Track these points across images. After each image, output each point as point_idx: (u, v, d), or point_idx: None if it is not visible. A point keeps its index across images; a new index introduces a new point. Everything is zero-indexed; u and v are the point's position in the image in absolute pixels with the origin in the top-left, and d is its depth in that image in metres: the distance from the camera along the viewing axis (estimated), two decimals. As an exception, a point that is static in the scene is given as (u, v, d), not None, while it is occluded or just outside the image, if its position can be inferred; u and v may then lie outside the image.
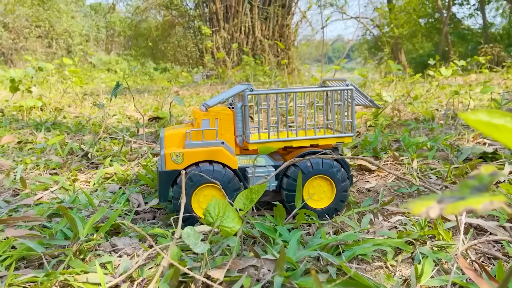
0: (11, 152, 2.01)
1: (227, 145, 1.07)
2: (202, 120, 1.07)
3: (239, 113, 1.08)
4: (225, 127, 1.08)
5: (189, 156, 1.04)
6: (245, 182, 1.09)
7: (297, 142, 1.12)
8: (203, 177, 1.02)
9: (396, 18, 13.42)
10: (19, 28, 15.73)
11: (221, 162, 1.05)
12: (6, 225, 1.10)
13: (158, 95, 4.91)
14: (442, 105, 3.08)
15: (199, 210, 1.05)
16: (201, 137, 1.06)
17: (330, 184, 1.11)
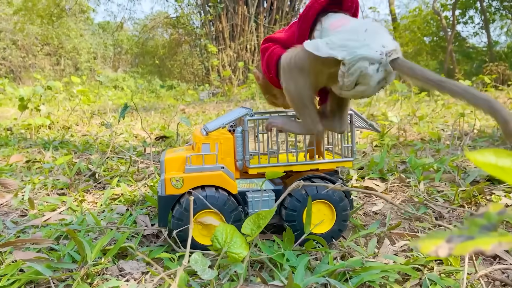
0: (19, 171, 2.03)
1: (227, 169, 1.08)
2: (202, 145, 1.07)
3: (239, 138, 1.08)
4: (225, 151, 1.08)
5: (189, 181, 1.05)
6: (244, 206, 1.09)
7: (297, 166, 1.12)
8: (198, 205, 1.02)
9: (400, 37, 13.51)
10: (28, 45, 16.01)
11: (218, 186, 1.05)
12: (14, 247, 1.11)
13: (164, 113, 4.95)
14: (448, 125, 3.08)
15: (199, 237, 1.05)
16: (201, 162, 1.07)
17: (329, 206, 1.10)
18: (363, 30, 0.86)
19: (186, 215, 1.02)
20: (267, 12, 10.77)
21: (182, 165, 1.07)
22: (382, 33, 0.87)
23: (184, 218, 1.02)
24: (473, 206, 1.36)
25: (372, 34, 0.86)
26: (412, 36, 14.53)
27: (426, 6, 15.97)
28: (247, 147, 1.08)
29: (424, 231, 1.21)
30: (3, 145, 2.65)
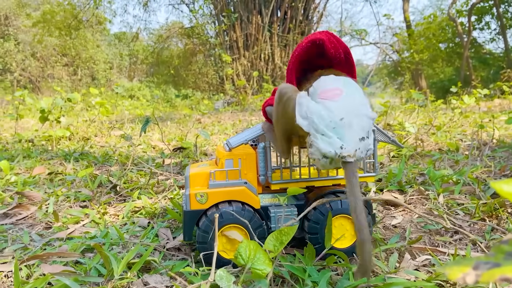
0: (42, 183, 2.08)
1: (250, 184, 1.10)
2: (225, 160, 1.09)
3: (261, 153, 1.10)
4: (247, 166, 1.10)
5: (213, 196, 1.07)
6: (267, 221, 1.11)
7: (319, 182, 1.13)
8: (224, 219, 1.04)
9: (415, 44, 13.44)
10: (47, 57, 16.36)
11: (243, 202, 1.07)
12: (41, 260, 1.14)
13: (180, 123, 5.01)
14: (466, 134, 3.06)
15: (223, 252, 1.07)
16: (225, 177, 1.09)
17: (352, 222, 1.11)
18: (338, 118, 0.87)
19: (212, 227, 1.04)
20: (280, 21, 10.83)
21: (206, 180, 1.09)
22: (355, 128, 0.87)
23: (209, 231, 1.04)
24: (494, 220, 1.36)
25: (343, 127, 0.87)
26: (428, 42, 14.42)
27: (442, 13, 15.86)
28: (269, 163, 1.10)
29: (445, 245, 1.21)
30: (26, 157, 2.71)
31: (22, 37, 16.25)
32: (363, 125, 0.89)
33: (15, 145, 3.21)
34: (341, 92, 0.90)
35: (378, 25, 14.13)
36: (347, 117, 0.87)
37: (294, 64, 0.99)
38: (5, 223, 1.52)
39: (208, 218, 1.06)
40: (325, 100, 0.90)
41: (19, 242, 1.32)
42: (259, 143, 1.12)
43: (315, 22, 11.52)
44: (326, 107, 0.89)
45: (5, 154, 2.80)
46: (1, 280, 1.07)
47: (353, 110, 0.88)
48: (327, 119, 0.87)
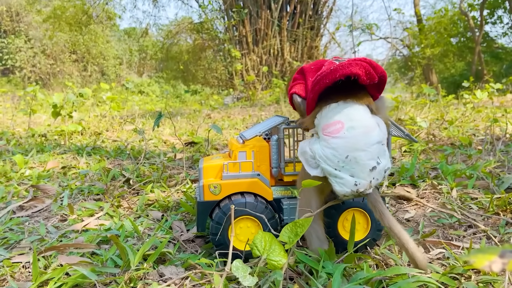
0: (56, 177, 2.10)
1: (263, 176, 1.11)
2: (239, 152, 1.10)
3: (274, 146, 1.11)
4: (260, 159, 1.11)
5: (227, 187, 1.08)
6: (280, 213, 1.11)
7: None
8: (237, 210, 1.05)
9: (426, 38, 13.29)
10: (57, 53, 16.47)
11: (256, 193, 1.08)
12: (58, 251, 1.16)
13: (190, 118, 5.02)
14: (478, 129, 3.03)
15: (236, 242, 1.08)
16: (238, 169, 1.10)
17: (364, 215, 1.11)
18: (344, 156, 0.89)
19: (225, 219, 1.05)
20: (290, 16, 10.77)
21: (220, 172, 1.10)
22: (363, 161, 0.89)
23: (223, 222, 1.05)
24: (508, 214, 1.35)
25: (351, 164, 0.90)
26: (439, 37, 14.26)
27: (453, 6, 15.66)
28: (282, 155, 1.11)
29: (459, 239, 1.20)
30: (39, 151, 2.75)
31: (33, 33, 16.37)
32: (372, 154, 0.90)
33: (28, 139, 3.25)
34: (342, 126, 0.91)
35: (389, 19, 13.98)
36: (351, 153, 0.89)
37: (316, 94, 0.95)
38: (21, 216, 1.55)
39: (221, 209, 1.07)
40: (328, 137, 0.91)
41: (35, 234, 1.35)
42: (272, 136, 1.13)
43: (324, 16, 11.44)
44: (330, 147, 0.91)
45: (19, 148, 2.84)
46: (19, 271, 1.09)
47: (356, 143, 0.89)
48: (334, 160, 0.90)
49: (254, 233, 1.07)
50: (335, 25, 11.00)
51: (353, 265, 0.99)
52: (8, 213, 1.54)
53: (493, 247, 0.35)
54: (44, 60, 16.13)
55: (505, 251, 0.37)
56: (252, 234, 1.07)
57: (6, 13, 16.46)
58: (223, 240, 1.06)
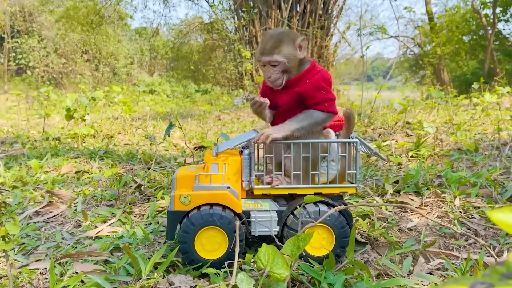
0: (70, 181, 2.17)
1: (232, 189, 1.14)
2: (211, 165, 1.15)
3: (246, 160, 1.15)
4: (232, 172, 1.15)
5: (196, 198, 1.12)
6: (248, 225, 1.15)
7: (301, 190, 1.17)
8: (204, 220, 1.09)
9: (438, 37, 13.18)
10: (69, 52, 16.67)
11: (225, 206, 1.12)
12: (73, 258, 1.22)
13: (200, 120, 5.08)
14: (486, 133, 3.03)
15: (203, 252, 1.11)
16: (209, 181, 1.14)
17: (329, 231, 1.13)
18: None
19: (192, 228, 1.09)
20: (300, 15, 10.77)
21: (192, 183, 1.14)
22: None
23: (190, 231, 1.10)
24: (509, 224, 1.37)
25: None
26: (450, 35, 14.12)
27: (465, 4, 15.48)
28: (253, 169, 1.15)
29: (459, 249, 1.23)
30: (54, 155, 2.82)
31: (45, 33, 16.60)
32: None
33: (43, 143, 3.34)
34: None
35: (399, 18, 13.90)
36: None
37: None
38: (37, 221, 1.61)
39: (189, 219, 1.11)
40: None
41: (51, 241, 1.41)
42: (244, 150, 1.17)
43: (335, 16, 11.42)
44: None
45: (34, 152, 2.92)
46: (37, 277, 1.15)
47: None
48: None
49: (220, 243, 1.11)
50: (346, 24, 10.97)
51: (354, 276, 1.03)
52: (25, 219, 1.61)
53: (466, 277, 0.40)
54: (57, 60, 16.32)
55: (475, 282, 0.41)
56: (218, 244, 1.11)
57: (20, 13, 16.69)
58: (189, 249, 1.10)
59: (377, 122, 3.50)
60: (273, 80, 1.17)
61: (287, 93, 1.19)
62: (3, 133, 3.99)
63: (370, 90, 12.11)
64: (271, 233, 1.13)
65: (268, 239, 1.17)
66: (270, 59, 1.16)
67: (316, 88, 1.16)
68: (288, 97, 1.18)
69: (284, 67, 1.16)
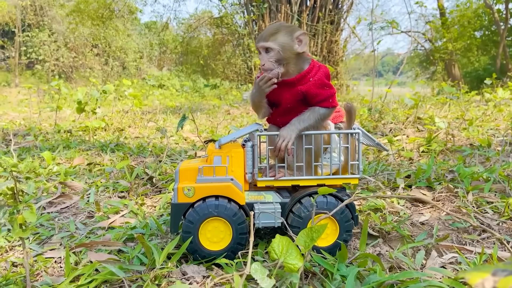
0: (82, 173, 2.19)
1: (236, 181, 1.14)
2: (214, 157, 1.15)
3: (249, 152, 1.15)
4: (235, 164, 1.15)
5: (200, 190, 1.12)
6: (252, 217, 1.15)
7: (303, 181, 1.18)
8: (208, 212, 1.10)
9: (449, 32, 13.05)
10: (79, 46, 16.76)
11: (229, 198, 1.12)
12: (87, 248, 1.24)
13: (210, 114, 5.10)
14: (499, 129, 3.00)
15: (207, 243, 1.12)
16: (212, 173, 1.14)
17: (334, 223, 1.14)
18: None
19: (197, 218, 1.10)
20: (310, 10, 10.73)
21: (195, 175, 1.14)
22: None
23: (194, 221, 1.10)
24: (523, 219, 1.36)
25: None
26: (462, 30, 13.96)
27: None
28: (256, 161, 1.15)
29: (472, 244, 1.23)
30: (65, 147, 2.85)
31: (56, 27, 16.69)
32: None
33: (55, 135, 3.37)
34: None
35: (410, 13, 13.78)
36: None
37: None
38: (51, 212, 1.63)
39: (194, 209, 1.11)
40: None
41: (65, 230, 1.43)
42: (247, 142, 1.17)
43: (345, 10, 11.36)
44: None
45: (46, 144, 2.95)
46: (52, 266, 1.17)
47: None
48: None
49: (224, 234, 1.12)
50: (356, 19, 10.89)
51: (367, 268, 1.03)
52: (39, 209, 1.63)
53: (488, 265, 0.40)
54: (67, 54, 16.43)
55: (497, 269, 0.41)
56: (221, 232, 1.12)
57: (30, 7, 16.81)
58: (193, 239, 1.11)
59: (388, 117, 3.48)
60: (266, 68, 1.16)
61: (289, 91, 1.18)
62: (15, 125, 4.03)
63: (380, 86, 12.01)
64: (275, 224, 1.14)
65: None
66: (263, 45, 1.16)
67: (320, 86, 1.17)
68: (291, 95, 1.18)
69: (278, 56, 1.15)
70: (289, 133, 1.15)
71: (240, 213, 1.12)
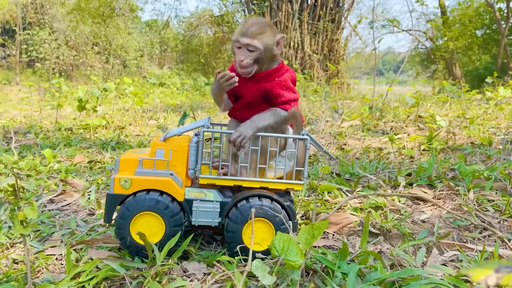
0: (82, 171, 2.19)
1: (176, 176, 1.11)
2: (157, 150, 1.11)
3: (193, 148, 1.12)
4: (178, 158, 1.12)
5: (137, 183, 1.09)
6: (189, 214, 1.12)
7: (246, 182, 1.14)
8: (139, 205, 1.07)
9: (450, 31, 13.03)
10: (80, 45, 16.76)
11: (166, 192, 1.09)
12: (87, 245, 1.24)
13: (210, 112, 5.09)
14: (500, 128, 3.00)
15: (137, 238, 1.09)
16: (152, 166, 1.11)
17: (270, 227, 1.11)
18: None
19: (127, 214, 1.08)
20: (311, 8, 10.71)
21: (135, 166, 1.11)
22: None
23: (125, 218, 1.08)
24: (525, 217, 1.36)
25: None
26: (463, 29, 13.94)
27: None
28: (199, 157, 1.12)
29: (473, 242, 1.23)
30: (66, 145, 2.85)
31: (57, 25, 16.69)
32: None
33: (55, 133, 3.37)
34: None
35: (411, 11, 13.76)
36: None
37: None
38: (52, 209, 1.63)
39: (125, 205, 1.08)
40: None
41: (66, 228, 1.42)
42: (192, 138, 1.13)
43: (346, 9, 11.34)
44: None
45: (47, 142, 2.95)
46: (53, 263, 1.17)
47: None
48: None
49: (157, 229, 1.09)
50: (357, 17, 10.87)
51: (368, 266, 1.03)
52: (40, 206, 1.63)
53: (491, 261, 0.40)
54: (68, 52, 16.42)
55: (500, 266, 0.41)
56: (155, 227, 1.09)
57: (31, 5, 16.80)
58: (125, 234, 1.09)
59: (389, 116, 3.48)
60: (244, 65, 1.14)
61: (254, 86, 1.17)
62: (16, 123, 4.03)
63: (381, 84, 12.01)
64: (212, 223, 1.12)
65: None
66: (250, 42, 1.14)
67: (284, 87, 1.16)
68: (255, 90, 1.17)
69: (259, 55, 1.14)
70: (247, 129, 1.13)
71: (173, 205, 1.09)
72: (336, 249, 1.18)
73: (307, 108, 4.39)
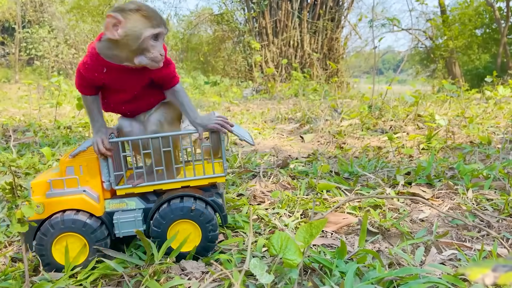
0: (81, 169, 2.19)
1: (90, 191, 1.07)
2: (66, 168, 1.07)
3: (101, 160, 1.07)
4: (90, 173, 1.08)
5: (49, 206, 1.05)
6: (111, 227, 1.09)
7: (166, 185, 1.12)
8: (55, 229, 1.04)
9: (450, 30, 13.03)
10: (79, 43, 16.74)
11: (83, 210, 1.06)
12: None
13: (210, 111, 5.08)
14: (499, 127, 3.00)
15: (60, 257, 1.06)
16: (63, 186, 1.06)
17: (195, 226, 1.09)
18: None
19: (45, 239, 1.05)
20: (310, 7, 10.70)
21: (47, 189, 1.07)
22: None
23: (44, 244, 1.05)
24: (523, 216, 1.36)
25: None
26: (463, 28, 13.94)
27: (478, -3, 15.25)
28: (111, 168, 1.08)
29: (472, 240, 1.23)
30: (65, 143, 2.85)
31: (56, 23, 16.67)
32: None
33: (54, 131, 3.36)
34: None
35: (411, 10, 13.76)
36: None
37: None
38: (50, 207, 1.63)
39: (40, 231, 1.05)
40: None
41: (64, 226, 1.42)
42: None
43: (346, 7, 11.32)
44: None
45: (46, 140, 2.94)
46: (51, 261, 1.16)
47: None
48: None
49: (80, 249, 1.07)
50: (357, 16, 10.86)
51: (366, 265, 1.03)
52: (38, 205, 1.62)
53: (488, 260, 0.39)
54: (67, 50, 16.40)
55: (497, 265, 0.41)
56: (78, 248, 1.06)
57: (30, 3, 16.78)
58: (48, 260, 1.06)
59: (388, 115, 3.48)
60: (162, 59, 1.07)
61: (135, 77, 1.09)
62: (15, 121, 4.03)
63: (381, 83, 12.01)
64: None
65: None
66: (167, 32, 1.09)
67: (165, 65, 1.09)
68: (138, 81, 1.10)
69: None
70: (212, 113, 1.13)
71: (91, 222, 1.06)
72: (335, 248, 1.18)
73: (307, 107, 4.39)
